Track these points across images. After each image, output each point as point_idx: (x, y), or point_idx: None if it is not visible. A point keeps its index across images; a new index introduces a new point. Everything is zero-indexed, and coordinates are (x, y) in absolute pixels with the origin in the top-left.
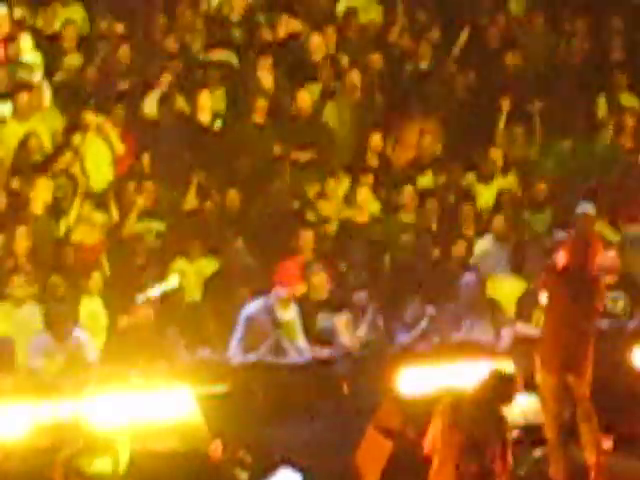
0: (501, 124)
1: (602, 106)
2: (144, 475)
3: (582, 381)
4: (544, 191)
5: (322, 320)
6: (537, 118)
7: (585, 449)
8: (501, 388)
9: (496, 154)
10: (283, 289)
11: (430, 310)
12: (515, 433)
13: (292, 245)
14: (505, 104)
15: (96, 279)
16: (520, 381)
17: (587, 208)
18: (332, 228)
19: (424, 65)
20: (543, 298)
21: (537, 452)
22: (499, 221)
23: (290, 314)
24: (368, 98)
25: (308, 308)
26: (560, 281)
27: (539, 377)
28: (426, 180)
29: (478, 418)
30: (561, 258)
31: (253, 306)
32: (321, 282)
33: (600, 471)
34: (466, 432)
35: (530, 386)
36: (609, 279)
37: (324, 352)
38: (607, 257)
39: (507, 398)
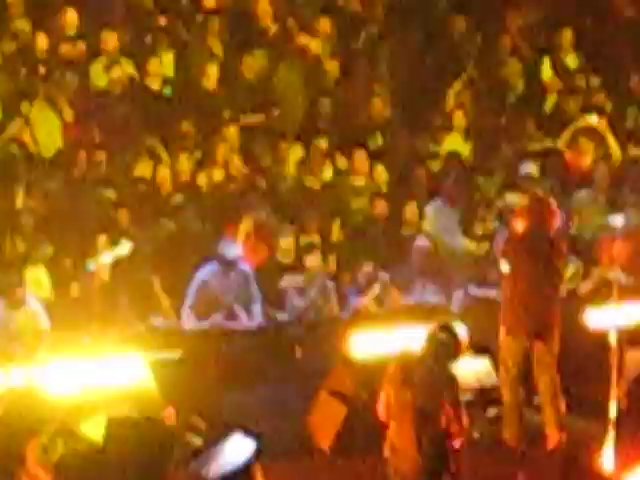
0: (452, 89)
1: (547, 68)
2: None
3: (551, 346)
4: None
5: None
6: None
7: (547, 423)
8: (446, 343)
9: (446, 117)
10: (247, 263)
11: (383, 275)
12: (469, 395)
13: (242, 211)
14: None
15: (45, 247)
16: (467, 340)
17: (529, 168)
18: (284, 192)
19: (374, 29)
20: (504, 267)
21: (490, 412)
22: (449, 184)
23: (241, 279)
24: (318, 62)
25: (268, 272)
26: (520, 248)
27: (503, 342)
28: (377, 143)
29: (428, 379)
30: (518, 225)
31: (206, 270)
32: (288, 246)
33: (558, 444)
34: (418, 394)
35: (483, 349)
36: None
37: (278, 316)
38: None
39: (453, 354)
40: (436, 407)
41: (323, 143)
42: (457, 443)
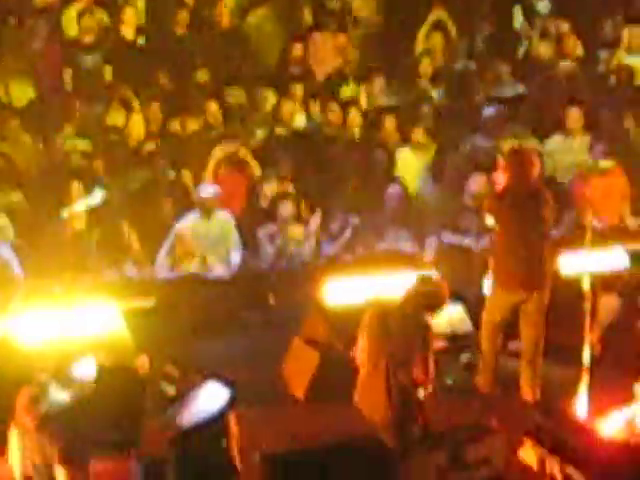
0: (421, 34)
1: (518, 16)
2: None
3: (542, 299)
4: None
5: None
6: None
7: (523, 380)
8: (428, 296)
9: (417, 64)
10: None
11: (354, 220)
12: (442, 342)
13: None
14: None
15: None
16: (447, 289)
17: (492, 111)
18: (258, 140)
19: None
20: (489, 221)
21: (463, 358)
22: (419, 131)
23: (219, 227)
24: (289, 10)
25: (247, 221)
26: (505, 202)
27: (495, 295)
28: (348, 91)
29: (404, 327)
30: (500, 178)
31: (185, 220)
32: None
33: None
34: (393, 342)
35: (456, 296)
36: None
37: (255, 264)
38: None
39: (435, 306)
40: (410, 357)
41: (297, 90)
42: (421, 393)
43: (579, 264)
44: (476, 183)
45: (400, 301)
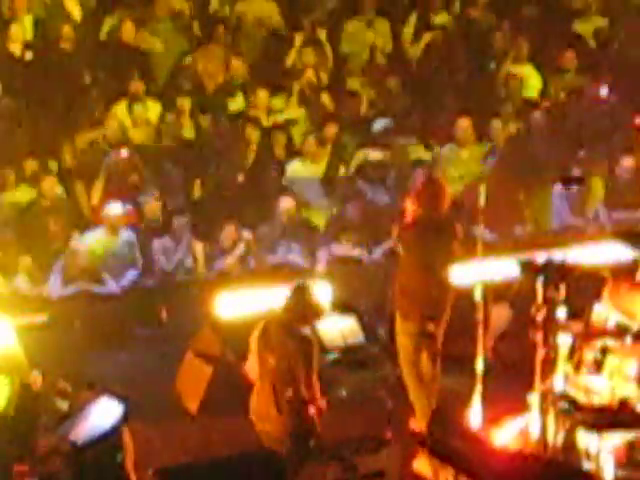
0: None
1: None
2: None
3: (440, 331)
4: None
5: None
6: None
7: (417, 408)
8: (300, 307)
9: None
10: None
11: (246, 234)
12: (335, 354)
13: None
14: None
15: None
16: (330, 300)
17: (384, 123)
18: (147, 153)
19: None
20: (400, 250)
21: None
22: (311, 143)
23: (117, 245)
24: (181, 23)
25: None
26: (415, 232)
27: (400, 327)
28: (236, 104)
29: (283, 340)
30: (410, 208)
31: (85, 238)
32: (154, 209)
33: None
34: (276, 355)
35: (349, 308)
36: None
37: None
38: None
39: (306, 316)
40: (291, 369)
41: (185, 103)
42: (311, 409)
43: (470, 274)
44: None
45: (277, 314)
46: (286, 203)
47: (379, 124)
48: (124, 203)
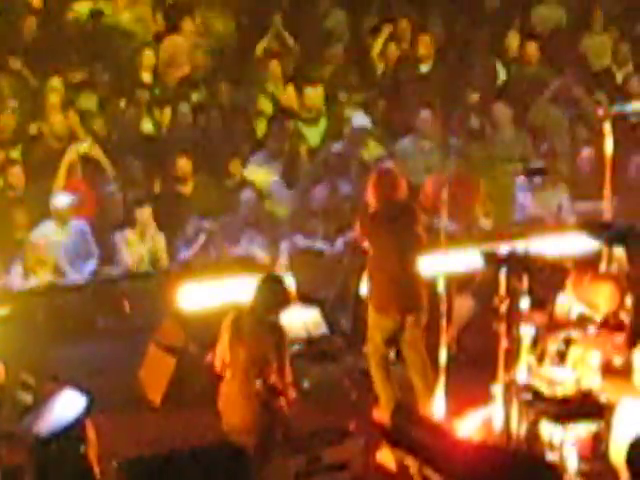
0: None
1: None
2: None
3: (420, 319)
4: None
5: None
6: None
7: (418, 394)
8: (269, 296)
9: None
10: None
11: (207, 225)
12: (298, 345)
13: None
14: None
15: None
16: (294, 290)
17: (362, 121)
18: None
19: None
20: (365, 245)
21: (305, 383)
22: (272, 137)
23: (75, 237)
24: (143, 15)
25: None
26: (377, 223)
27: (373, 320)
28: (198, 96)
29: (256, 331)
30: (370, 198)
31: (40, 230)
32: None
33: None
34: (247, 346)
35: (311, 299)
36: None
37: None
38: None
39: (278, 305)
40: (262, 361)
41: (144, 95)
42: (282, 400)
43: (434, 266)
44: (321, 189)
45: (249, 304)
46: (248, 194)
47: (358, 121)
48: (73, 194)
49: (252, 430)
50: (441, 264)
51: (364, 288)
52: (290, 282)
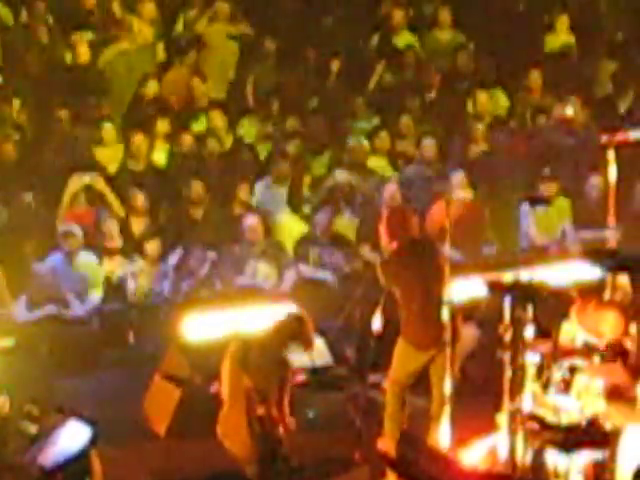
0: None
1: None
2: None
3: (446, 351)
4: (324, 132)
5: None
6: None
7: (433, 425)
8: (297, 331)
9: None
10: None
11: (211, 255)
12: (302, 375)
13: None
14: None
15: None
16: (314, 333)
17: (361, 140)
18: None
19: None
20: (394, 288)
21: (309, 414)
22: (279, 164)
23: (83, 269)
24: (146, 45)
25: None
26: (398, 264)
27: (408, 355)
28: (200, 125)
29: (263, 363)
30: (384, 240)
31: (48, 261)
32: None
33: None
34: (252, 377)
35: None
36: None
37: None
38: None
39: (298, 345)
40: (268, 391)
41: (158, 126)
42: (281, 429)
43: None
44: (325, 216)
45: (262, 336)
46: (251, 221)
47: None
48: (80, 226)
49: (253, 460)
50: (446, 293)
51: (376, 322)
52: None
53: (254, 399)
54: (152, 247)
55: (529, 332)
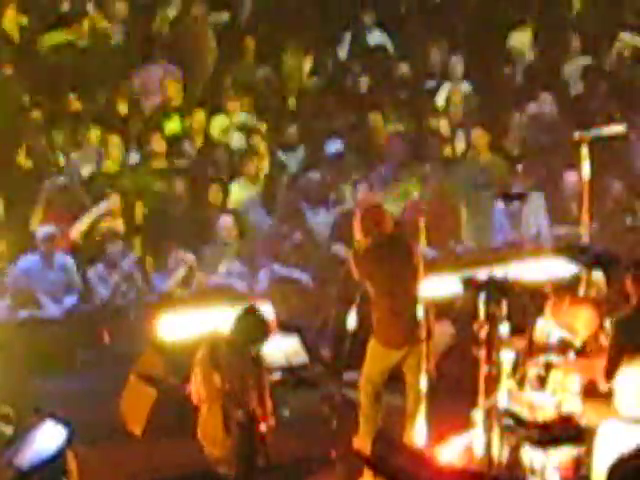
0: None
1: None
2: None
3: (421, 349)
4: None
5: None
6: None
7: (408, 422)
8: (251, 328)
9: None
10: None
11: (189, 257)
12: (278, 374)
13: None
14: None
15: None
16: (275, 321)
17: (337, 147)
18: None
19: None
20: (367, 286)
21: (284, 412)
22: (251, 164)
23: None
24: (116, 45)
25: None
26: (371, 260)
27: (379, 353)
28: (173, 125)
29: (234, 362)
30: (358, 236)
31: (23, 263)
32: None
33: None
34: (224, 376)
35: (291, 328)
36: None
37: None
38: None
39: (259, 338)
40: (243, 390)
41: (123, 127)
42: (263, 427)
43: None
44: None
45: (227, 335)
46: (226, 222)
47: (332, 147)
48: (57, 227)
49: (232, 460)
50: (421, 290)
51: (351, 320)
52: (268, 311)
53: (231, 401)
54: (115, 247)
55: (504, 329)
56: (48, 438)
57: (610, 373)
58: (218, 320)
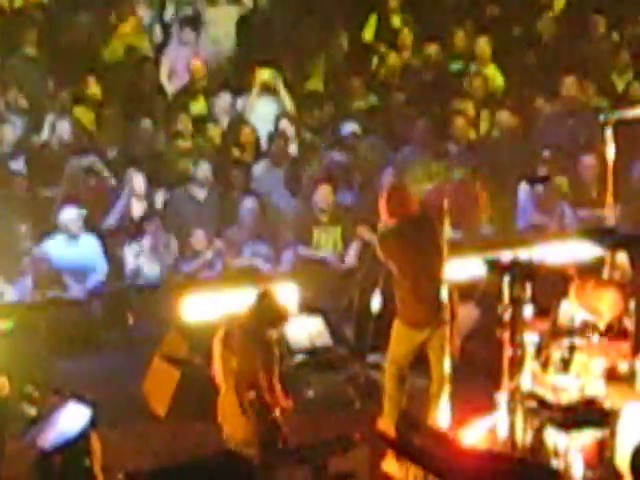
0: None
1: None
2: None
3: (446, 329)
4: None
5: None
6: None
7: (431, 403)
8: (265, 312)
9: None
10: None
11: (218, 242)
12: (301, 356)
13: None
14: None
15: None
16: (296, 303)
17: (354, 128)
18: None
19: None
20: (392, 267)
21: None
22: (278, 145)
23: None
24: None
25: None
26: (397, 241)
27: (405, 334)
28: (199, 106)
29: (246, 345)
30: (384, 217)
31: (48, 244)
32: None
33: None
34: (238, 359)
35: (315, 309)
36: None
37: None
38: None
39: (272, 322)
40: (254, 374)
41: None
42: (276, 412)
43: None
44: (321, 194)
45: (241, 318)
46: (249, 204)
47: (348, 127)
48: (80, 208)
49: (252, 442)
50: (445, 273)
51: (376, 302)
52: (293, 292)
53: (243, 383)
54: (151, 229)
55: (528, 311)
56: (72, 419)
57: (636, 352)
58: (242, 302)
